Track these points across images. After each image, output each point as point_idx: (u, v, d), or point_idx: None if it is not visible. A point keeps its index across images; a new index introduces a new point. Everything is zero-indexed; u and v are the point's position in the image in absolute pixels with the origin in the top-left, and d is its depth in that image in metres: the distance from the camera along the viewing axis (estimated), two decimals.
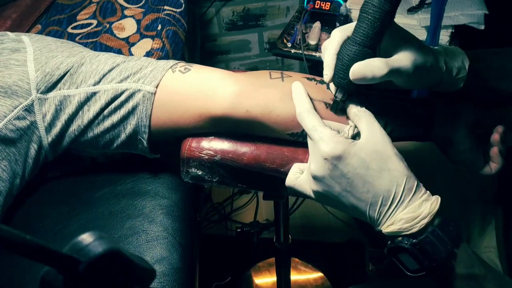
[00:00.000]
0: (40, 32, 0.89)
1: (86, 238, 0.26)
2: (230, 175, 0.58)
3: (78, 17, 0.90)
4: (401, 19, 1.02)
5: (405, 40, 0.49)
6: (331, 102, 0.54)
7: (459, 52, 0.54)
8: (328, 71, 0.51)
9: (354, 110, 0.51)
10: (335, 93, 0.52)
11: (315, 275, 1.34)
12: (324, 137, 0.47)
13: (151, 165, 0.73)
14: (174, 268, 0.63)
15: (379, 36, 0.47)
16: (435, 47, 0.54)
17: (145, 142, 0.59)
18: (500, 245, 0.82)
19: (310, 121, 0.49)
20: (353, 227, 1.44)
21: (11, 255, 0.25)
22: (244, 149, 0.56)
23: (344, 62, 0.48)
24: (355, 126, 0.51)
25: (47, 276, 0.27)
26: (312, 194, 0.50)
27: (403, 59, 0.48)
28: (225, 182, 0.58)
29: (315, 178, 0.48)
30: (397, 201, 0.46)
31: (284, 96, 0.53)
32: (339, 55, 0.49)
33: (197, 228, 0.77)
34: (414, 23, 1.02)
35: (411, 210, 0.45)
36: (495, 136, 0.57)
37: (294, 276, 1.32)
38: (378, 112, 0.55)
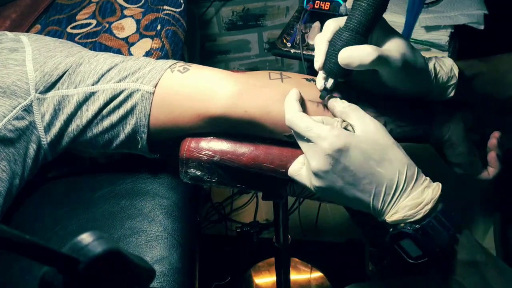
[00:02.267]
0: (39, 32, 0.89)
1: (86, 238, 0.26)
2: (229, 175, 0.58)
3: (78, 17, 0.90)
4: (399, 18, 1.02)
5: (395, 35, 0.49)
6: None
7: (448, 60, 0.54)
8: (319, 57, 0.50)
9: (339, 107, 0.51)
10: (325, 81, 0.52)
11: (315, 275, 1.34)
12: (322, 133, 0.46)
13: (151, 165, 0.73)
14: (174, 268, 0.64)
15: (372, 24, 0.47)
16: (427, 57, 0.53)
17: (144, 142, 0.59)
18: (498, 247, 0.83)
19: (302, 123, 0.48)
20: (353, 227, 1.44)
21: (11, 255, 0.25)
22: (243, 149, 0.56)
23: (336, 47, 0.48)
24: (343, 120, 0.50)
25: (47, 276, 0.27)
26: (313, 189, 0.50)
27: (393, 49, 0.48)
28: (224, 182, 0.58)
29: (317, 174, 0.48)
30: (400, 189, 0.46)
31: (283, 97, 0.52)
32: (332, 41, 0.49)
33: (197, 228, 0.77)
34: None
35: (414, 197, 0.46)
36: (492, 141, 0.57)
37: (294, 276, 1.32)
38: (378, 112, 0.55)
